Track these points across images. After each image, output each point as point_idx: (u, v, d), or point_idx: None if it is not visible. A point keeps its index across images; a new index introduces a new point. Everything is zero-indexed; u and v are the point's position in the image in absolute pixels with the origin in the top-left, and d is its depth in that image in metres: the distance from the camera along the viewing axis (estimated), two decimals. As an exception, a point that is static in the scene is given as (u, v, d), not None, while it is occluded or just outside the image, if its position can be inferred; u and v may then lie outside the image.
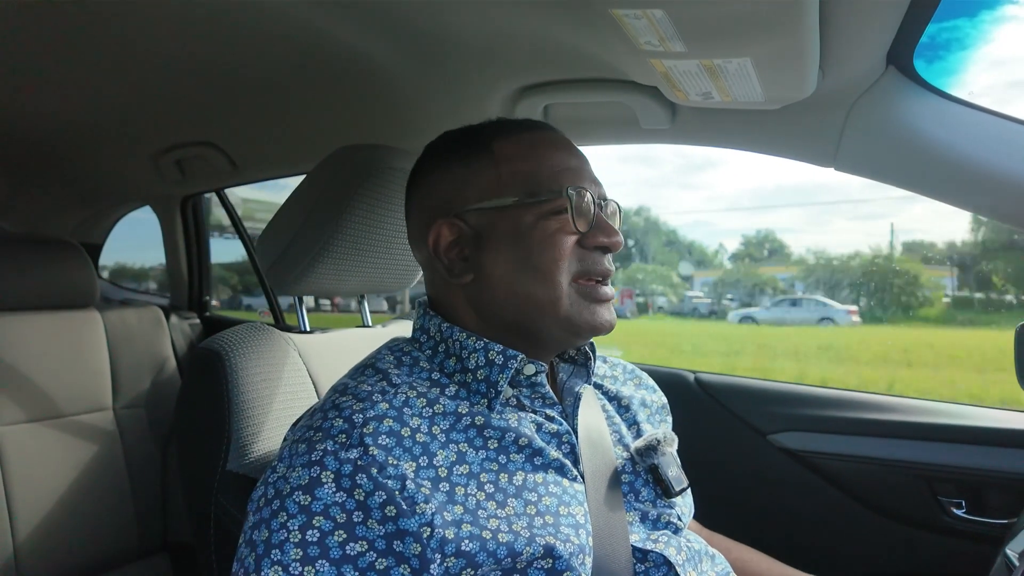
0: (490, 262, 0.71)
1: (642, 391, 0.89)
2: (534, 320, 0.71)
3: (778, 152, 1.07)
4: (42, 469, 1.37)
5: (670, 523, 0.74)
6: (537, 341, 0.73)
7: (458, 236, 0.72)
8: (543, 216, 0.70)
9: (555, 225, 0.70)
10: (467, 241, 0.72)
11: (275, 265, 0.94)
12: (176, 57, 1.12)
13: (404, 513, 0.58)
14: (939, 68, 0.89)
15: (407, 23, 0.95)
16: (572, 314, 0.70)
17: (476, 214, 0.71)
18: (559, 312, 0.69)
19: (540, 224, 0.70)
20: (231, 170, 1.67)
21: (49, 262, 1.48)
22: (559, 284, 0.69)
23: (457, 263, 0.72)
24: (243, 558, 0.59)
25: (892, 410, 1.23)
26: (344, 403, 0.65)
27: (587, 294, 0.71)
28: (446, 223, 0.72)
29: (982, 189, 0.88)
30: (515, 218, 0.70)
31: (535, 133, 0.75)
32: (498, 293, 0.71)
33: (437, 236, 0.72)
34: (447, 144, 0.77)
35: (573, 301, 0.70)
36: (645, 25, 0.70)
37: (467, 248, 0.72)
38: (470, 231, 0.71)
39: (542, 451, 0.68)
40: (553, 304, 0.69)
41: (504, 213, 0.70)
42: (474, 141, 0.74)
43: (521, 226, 0.70)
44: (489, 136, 0.74)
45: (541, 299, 0.69)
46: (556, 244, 0.69)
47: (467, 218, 0.72)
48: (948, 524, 1.15)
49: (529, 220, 0.70)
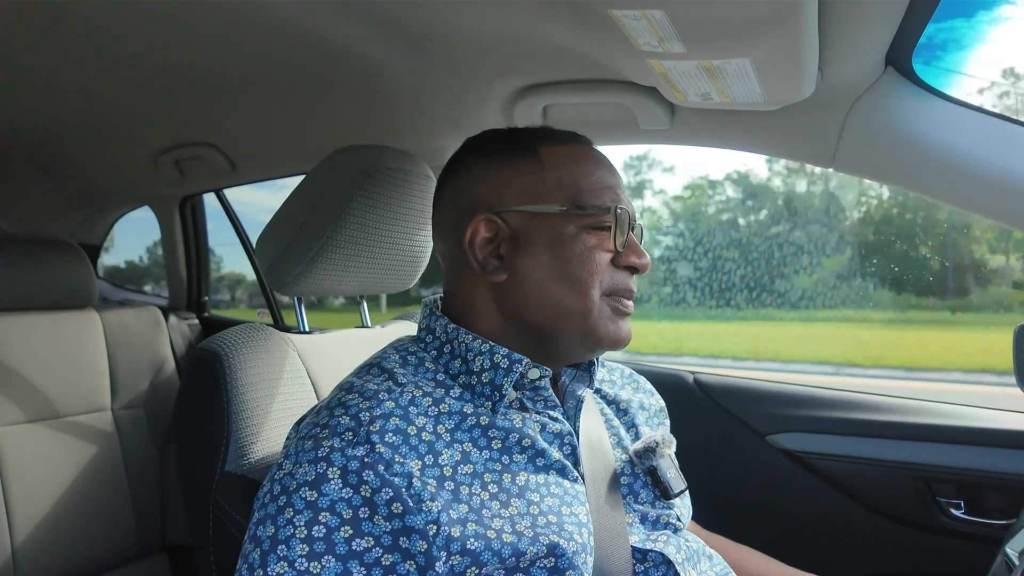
0: (525, 265, 0.71)
1: (640, 394, 0.89)
2: (559, 327, 0.71)
3: (777, 153, 1.07)
4: (40, 470, 1.36)
5: (669, 524, 0.74)
6: (553, 348, 0.73)
7: (495, 234, 0.72)
8: (584, 229, 0.71)
9: (594, 240, 0.71)
10: (503, 240, 0.72)
11: (274, 265, 0.94)
12: (175, 57, 1.12)
13: (410, 510, 0.58)
14: (936, 69, 0.90)
15: (407, 23, 0.95)
16: (598, 326, 0.71)
17: (517, 215, 0.72)
18: (586, 323, 0.70)
19: (581, 236, 0.70)
20: (230, 170, 1.67)
21: (48, 262, 1.47)
22: (592, 297, 0.70)
23: (491, 260, 0.72)
24: (248, 554, 0.59)
25: (891, 411, 1.23)
26: (350, 401, 0.65)
27: (616, 309, 0.72)
28: (484, 219, 0.72)
29: (981, 189, 0.88)
30: (557, 226, 0.71)
31: (581, 146, 0.76)
32: (531, 297, 0.71)
33: (474, 231, 0.72)
34: (490, 141, 0.77)
35: (602, 314, 0.71)
36: (644, 26, 0.70)
37: (503, 247, 0.72)
38: (508, 231, 0.72)
39: (544, 452, 0.68)
40: (582, 315, 0.70)
41: (546, 219, 0.71)
42: (520, 143, 0.75)
43: (563, 235, 0.70)
44: (536, 141, 0.75)
45: (571, 308, 0.70)
46: (593, 259, 0.70)
47: (507, 218, 0.72)
48: (947, 525, 1.15)
49: (571, 231, 0.70)
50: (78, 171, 1.88)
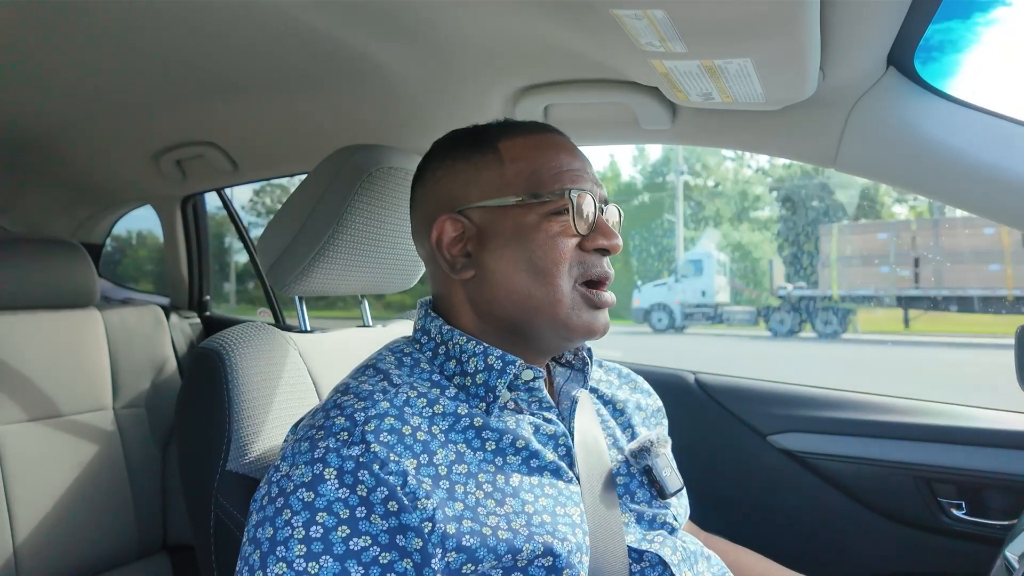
0: (491, 260, 0.71)
1: (637, 395, 0.89)
2: (531, 320, 0.71)
3: (778, 152, 1.07)
4: (42, 469, 1.36)
5: (665, 523, 0.74)
6: (531, 342, 0.73)
7: (461, 233, 0.73)
8: (545, 216, 0.70)
9: (557, 227, 0.70)
10: (470, 238, 0.72)
11: (276, 265, 0.94)
12: (176, 57, 1.12)
13: (406, 508, 0.59)
14: (934, 69, 0.90)
15: (408, 23, 0.95)
16: (570, 317, 0.70)
17: (480, 212, 0.72)
18: (557, 314, 0.70)
19: (542, 225, 0.70)
20: (232, 170, 1.67)
21: (49, 262, 1.47)
22: (560, 287, 0.70)
23: (459, 259, 0.73)
24: (247, 556, 0.59)
25: (893, 411, 1.23)
26: (346, 402, 0.65)
27: (589, 300, 0.71)
28: (449, 219, 0.73)
29: (983, 189, 0.88)
30: (518, 217, 0.71)
31: (540, 135, 0.76)
32: (498, 291, 0.71)
33: (440, 232, 0.73)
34: (454, 142, 0.77)
35: (574, 304, 0.70)
36: (645, 25, 0.70)
37: (469, 245, 0.72)
38: (473, 228, 0.72)
39: (538, 454, 0.68)
40: (552, 306, 0.70)
41: (507, 212, 0.71)
42: (481, 140, 0.75)
43: (524, 226, 0.70)
44: (495, 136, 0.75)
45: (540, 300, 0.70)
46: (557, 246, 0.70)
47: (471, 215, 0.72)
48: (948, 526, 1.15)
49: (532, 220, 0.70)
50: (80, 170, 1.88)
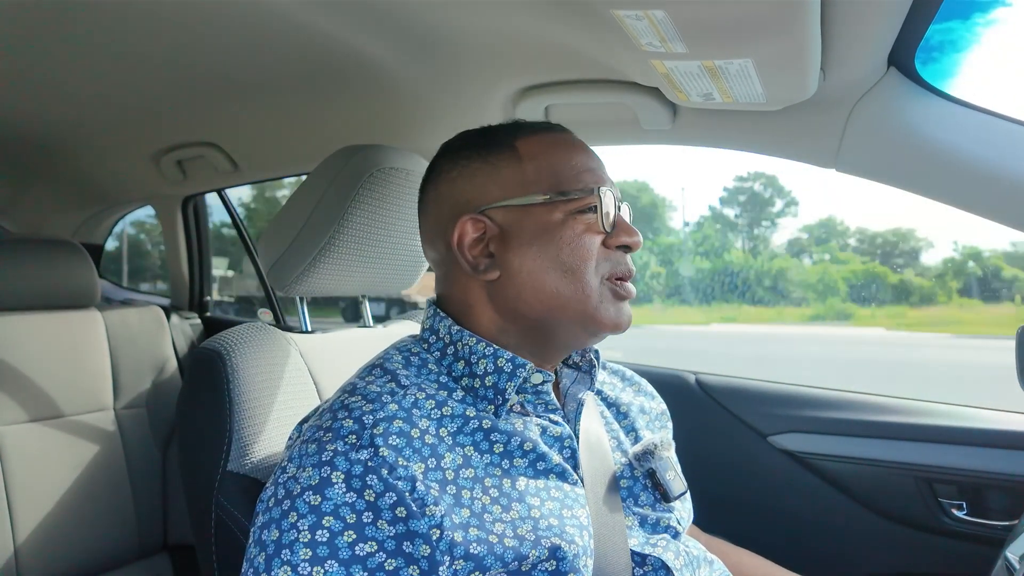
0: (516, 259, 0.70)
1: (641, 397, 0.89)
2: (557, 318, 0.70)
3: (779, 153, 1.07)
4: (43, 469, 1.36)
5: (669, 527, 0.74)
6: (553, 340, 0.73)
7: (483, 233, 0.72)
8: (571, 214, 0.70)
9: (582, 225, 0.70)
10: (492, 238, 0.72)
11: (276, 265, 0.94)
12: (177, 57, 1.12)
13: (414, 515, 0.58)
14: (935, 70, 0.90)
15: (408, 23, 0.95)
16: (598, 310, 0.70)
17: (502, 211, 0.71)
18: (586, 309, 0.70)
19: (568, 222, 0.70)
20: (232, 170, 1.67)
21: (50, 262, 1.47)
22: (589, 283, 0.70)
23: (481, 260, 0.72)
24: (252, 558, 0.59)
25: (893, 412, 1.23)
26: (353, 404, 0.64)
27: (616, 292, 0.71)
28: (471, 219, 0.72)
29: (984, 191, 0.88)
30: (543, 216, 0.70)
31: (555, 134, 0.76)
32: (525, 290, 0.70)
33: (462, 232, 0.72)
34: (465, 142, 0.77)
35: (603, 298, 0.70)
36: (646, 26, 0.70)
37: (492, 245, 0.72)
38: (495, 228, 0.71)
39: (545, 456, 0.68)
40: (581, 302, 0.69)
41: (531, 211, 0.70)
42: (496, 139, 0.74)
43: (550, 224, 0.70)
44: (511, 134, 0.74)
45: (568, 297, 0.69)
46: (584, 244, 0.70)
47: (492, 215, 0.72)
48: (949, 526, 1.15)
49: (558, 218, 0.70)
50: (81, 171, 1.88)
